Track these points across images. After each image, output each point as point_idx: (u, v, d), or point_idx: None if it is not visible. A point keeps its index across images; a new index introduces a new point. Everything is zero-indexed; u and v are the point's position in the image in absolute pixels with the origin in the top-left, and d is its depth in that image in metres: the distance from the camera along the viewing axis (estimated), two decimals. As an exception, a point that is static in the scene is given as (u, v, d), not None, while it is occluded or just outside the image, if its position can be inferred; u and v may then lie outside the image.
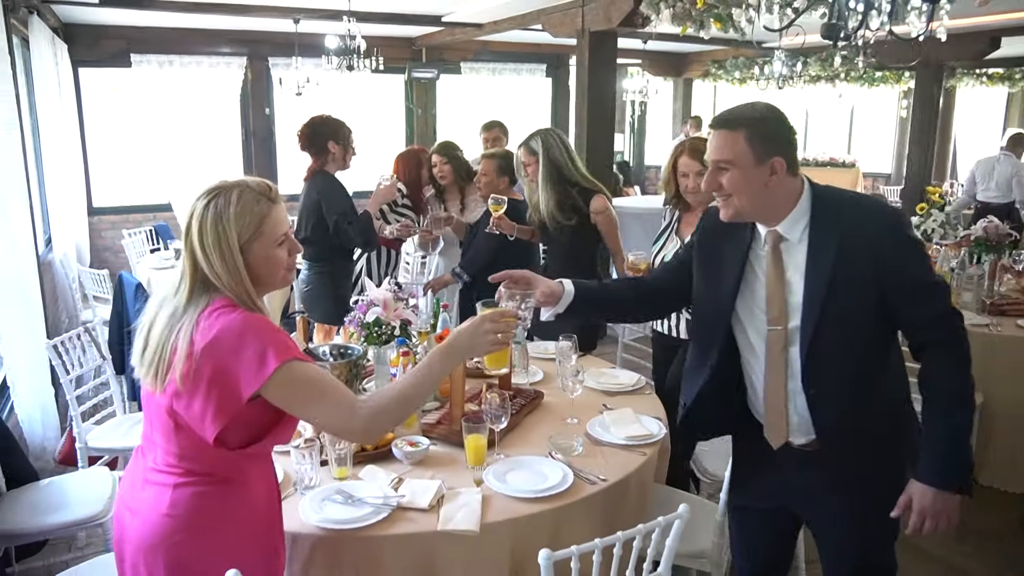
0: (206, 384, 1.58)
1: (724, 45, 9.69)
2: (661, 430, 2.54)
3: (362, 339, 2.66)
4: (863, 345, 1.89)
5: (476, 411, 2.49)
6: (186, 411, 1.61)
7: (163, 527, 1.65)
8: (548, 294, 2.22)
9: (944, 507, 1.84)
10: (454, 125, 10.11)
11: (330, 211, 3.94)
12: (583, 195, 3.58)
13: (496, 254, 3.99)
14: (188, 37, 8.14)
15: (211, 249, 1.62)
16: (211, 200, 1.65)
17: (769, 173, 1.85)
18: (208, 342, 1.58)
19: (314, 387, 1.65)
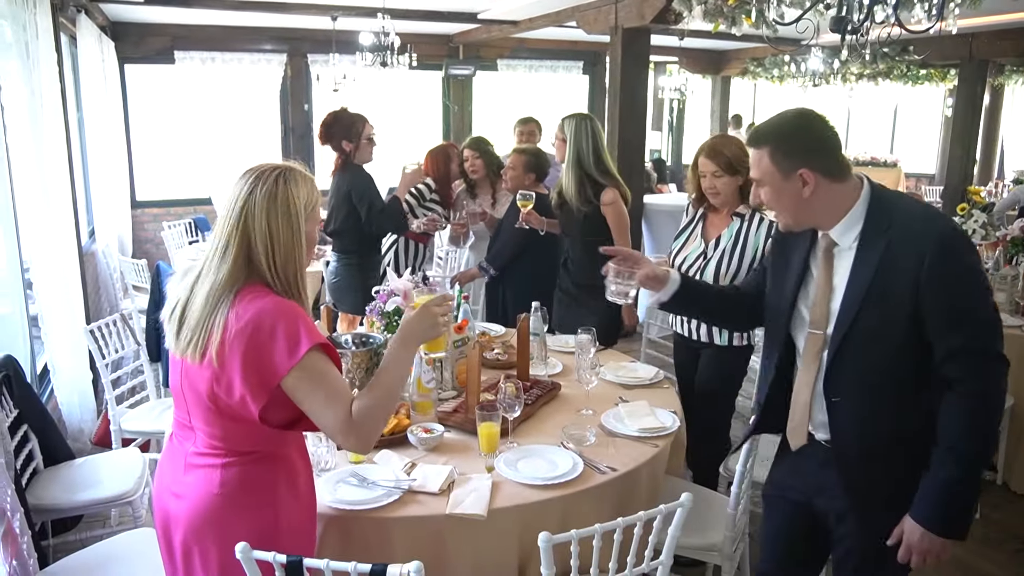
0: (240, 365, 1.62)
1: (761, 43, 9.59)
2: (675, 423, 2.56)
3: (382, 328, 2.71)
4: (890, 360, 1.83)
5: (491, 400, 2.54)
6: (227, 393, 1.65)
7: (215, 505, 1.72)
8: (652, 277, 2.22)
9: (931, 547, 1.82)
10: (491, 122, 10.16)
11: (361, 201, 4.02)
12: (595, 187, 3.61)
13: (522, 248, 4.05)
14: (230, 34, 8.32)
15: (279, 220, 1.66)
16: (279, 175, 1.69)
17: (801, 185, 1.83)
18: (242, 325, 1.62)
19: (329, 384, 1.68)
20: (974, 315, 1.75)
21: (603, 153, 3.65)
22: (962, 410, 1.76)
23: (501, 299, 4.21)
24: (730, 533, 2.44)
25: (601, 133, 3.67)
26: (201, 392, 1.69)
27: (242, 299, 1.65)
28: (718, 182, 2.97)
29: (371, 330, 2.90)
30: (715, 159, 2.95)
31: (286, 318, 1.65)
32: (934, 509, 1.80)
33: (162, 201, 8.57)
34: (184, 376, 1.73)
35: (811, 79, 7.16)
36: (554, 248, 4.02)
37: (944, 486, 1.78)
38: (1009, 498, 3.78)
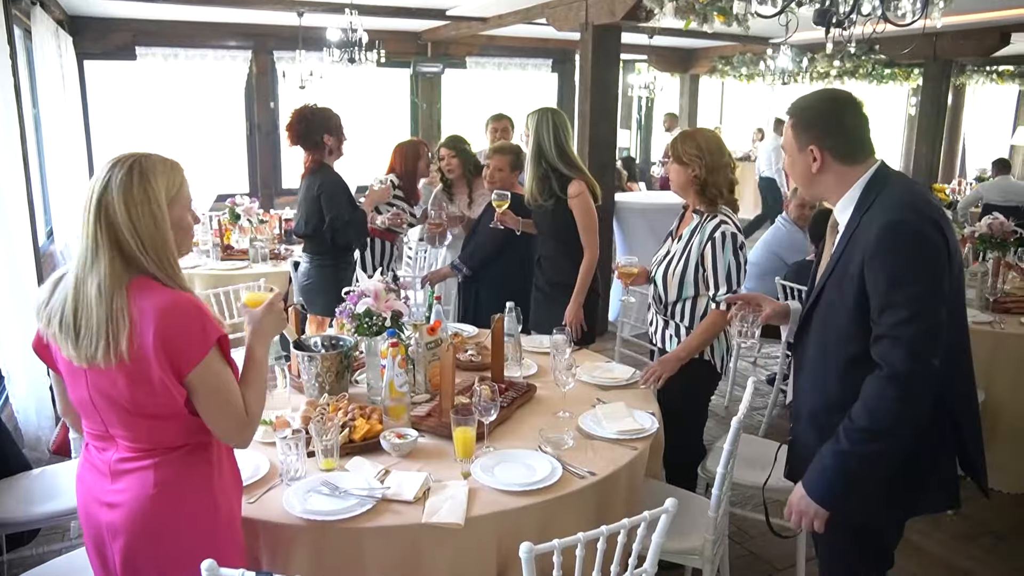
0: (155, 358, 1.60)
1: (731, 41, 9.64)
2: (653, 424, 2.51)
3: (353, 330, 2.64)
4: (841, 334, 1.92)
5: (466, 404, 2.48)
6: (148, 391, 1.62)
7: (153, 506, 1.69)
8: (778, 312, 2.32)
9: (804, 508, 1.93)
10: (459, 120, 10.08)
11: (329, 207, 3.92)
12: (560, 180, 3.52)
13: (498, 247, 3.97)
14: (194, 30, 8.14)
15: (138, 209, 1.62)
16: (132, 163, 1.65)
17: (811, 160, 1.94)
18: (148, 319, 1.60)
19: (228, 381, 1.72)
20: (899, 307, 1.77)
21: (567, 145, 3.56)
22: (868, 388, 1.83)
23: (474, 299, 4.14)
24: (711, 536, 2.40)
25: (565, 126, 3.58)
26: (116, 397, 1.64)
27: (136, 294, 1.62)
28: (671, 169, 2.99)
29: (341, 332, 2.83)
30: (672, 145, 2.99)
31: (188, 313, 1.64)
32: (812, 472, 1.92)
33: (124, 200, 8.36)
34: (91, 387, 1.68)
35: (780, 77, 7.18)
36: (529, 247, 3.96)
37: (827, 453, 1.88)
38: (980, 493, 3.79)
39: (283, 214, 6.03)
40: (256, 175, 9.02)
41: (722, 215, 2.90)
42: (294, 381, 2.78)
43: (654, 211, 6.44)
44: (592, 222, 3.52)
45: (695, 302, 2.94)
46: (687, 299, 2.95)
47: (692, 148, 2.89)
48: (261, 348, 1.87)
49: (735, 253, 2.85)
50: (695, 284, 2.91)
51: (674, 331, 3.02)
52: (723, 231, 2.85)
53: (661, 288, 3.01)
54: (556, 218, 3.54)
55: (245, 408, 1.72)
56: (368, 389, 2.71)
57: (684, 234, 2.99)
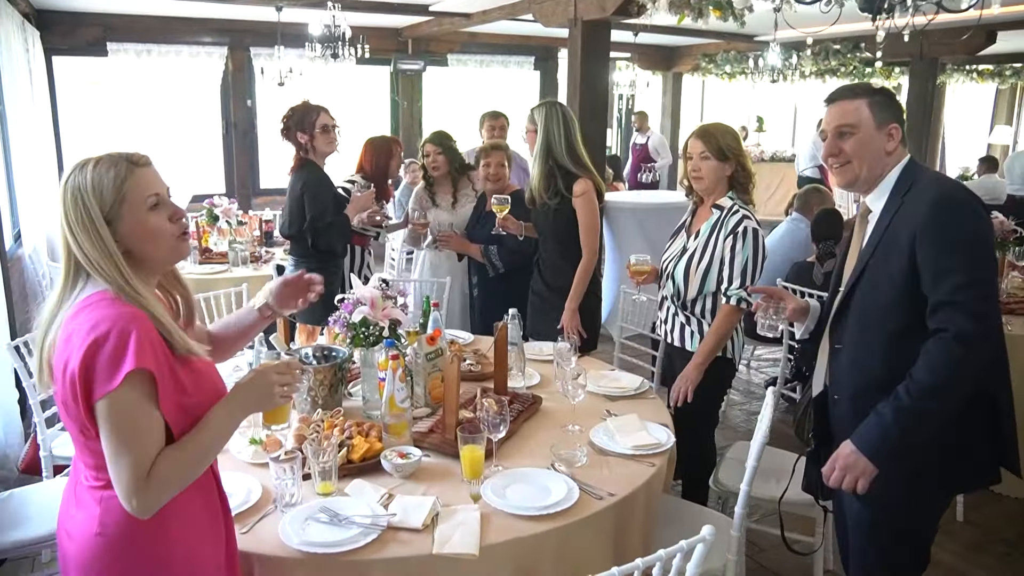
0: (68, 385, 1.42)
1: (716, 39, 9.56)
2: (670, 438, 2.37)
3: (348, 340, 2.47)
4: (884, 311, 1.97)
5: (471, 419, 2.32)
6: (76, 416, 1.46)
7: (97, 549, 1.50)
8: (797, 310, 2.33)
9: (850, 463, 1.94)
10: (441, 119, 9.93)
11: (311, 207, 3.74)
12: (567, 178, 3.39)
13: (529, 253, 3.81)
14: (167, 25, 7.90)
15: (77, 226, 1.49)
16: (71, 174, 1.52)
17: (887, 139, 2.00)
18: (64, 339, 1.45)
19: (136, 424, 1.43)
20: (956, 274, 1.83)
21: (575, 142, 3.42)
22: (931, 349, 1.87)
23: (470, 303, 3.98)
24: (734, 556, 2.26)
25: (573, 121, 3.44)
26: (70, 416, 1.49)
27: (72, 310, 1.48)
28: (703, 165, 2.86)
29: (333, 342, 2.66)
30: (705, 140, 2.86)
31: (111, 335, 1.41)
32: (866, 427, 1.93)
33: (96, 201, 8.09)
34: (59, 402, 1.53)
35: (769, 75, 7.09)
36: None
37: (885, 410, 1.90)
38: (991, 499, 3.71)
39: (263, 215, 5.83)
40: (233, 175, 8.79)
41: (743, 210, 2.85)
42: (284, 394, 2.60)
43: (644, 211, 6.32)
44: (595, 222, 3.40)
45: (716, 297, 2.88)
46: (708, 294, 2.89)
47: (732, 142, 2.86)
48: (225, 415, 1.56)
49: (755, 249, 2.80)
50: (718, 279, 2.85)
51: (696, 327, 2.95)
52: (746, 226, 2.81)
53: (682, 283, 2.93)
54: (558, 218, 3.39)
55: (151, 467, 1.42)
56: (363, 403, 2.55)
57: (703, 229, 2.91)
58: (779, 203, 11.67)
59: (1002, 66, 11.16)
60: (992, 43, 7.57)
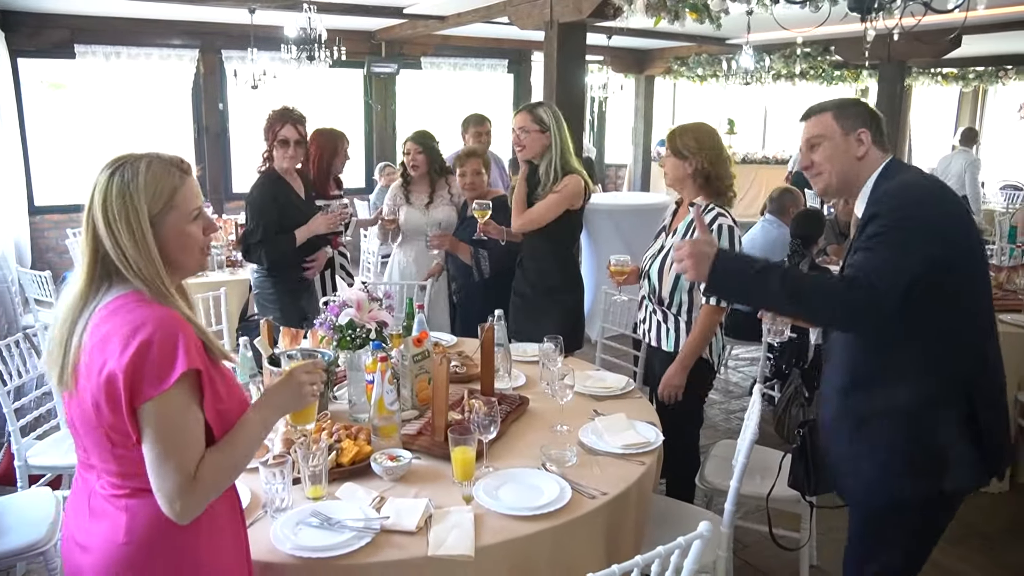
0: (120, 381, 1.39)
1: (688, 41, 9.64)
2: (658, 436, 2.38)
3: (334, 343, 2.44)
4: None
5: (461, 420, 2.31)
6: (108, 421, 1.43)
7: (123, 559, 1.46)
8: None
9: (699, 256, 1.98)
10: (414, 121, 9.89)
11: (247, 220, 3.68)
12: (557, 178, 3.36)
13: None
14: (137, 27, 7.78)
15: (118, 223, 1.46)
16: (117, 170, 1.49)
17: (857, 144, 2.03)
18: (97, 342, 1.42)
19: (185, 427, 1.44)
20: (882, 223, 1.89)
21: (570, 141, 3.42)
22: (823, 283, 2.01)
23: (450, 307, 3.95)
24: (724, 553, 2.27)
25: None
26: (94, 420, 1.45)
27: (104, 311, 1.46)
28: (667, 162, 2.96)
29: (318, 345, 2.64)
30: (668, 139, 2.95)
31: (156, 337, 1.41)
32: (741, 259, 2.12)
33: (64, 206, 7.90)
34: (71, 406, 1.51)
35: (741, 77, 7.16)
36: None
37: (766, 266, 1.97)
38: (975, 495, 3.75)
39: (238, 219, 5.75)
40: (205, 179, 8.67)
41: (719, 208, 2.87)
42: (268, 399, 2.57)
43: (620, 212, 6.34)
44: (548, 211, 3.34)
45: (692, 295, 2.89)
46: (682, 292, 2.89)
47: (691, 141, 2.87)
48: (261, 416, 1.60)
49: (730, 246, 2.80)
50: None
51: (672, 325, 2.95)
52: (720, 223, 2.82)
53: (656, 282, 2.95)
54: None
55: (195, 470, 1.43)
56: (350, 406, 2.52)
57: (680, 228, 2.94)
58: (750, 205, 11.80)
59: (966, 69, 11.37)
60: (958, 46, 7.70)
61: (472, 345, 3.26)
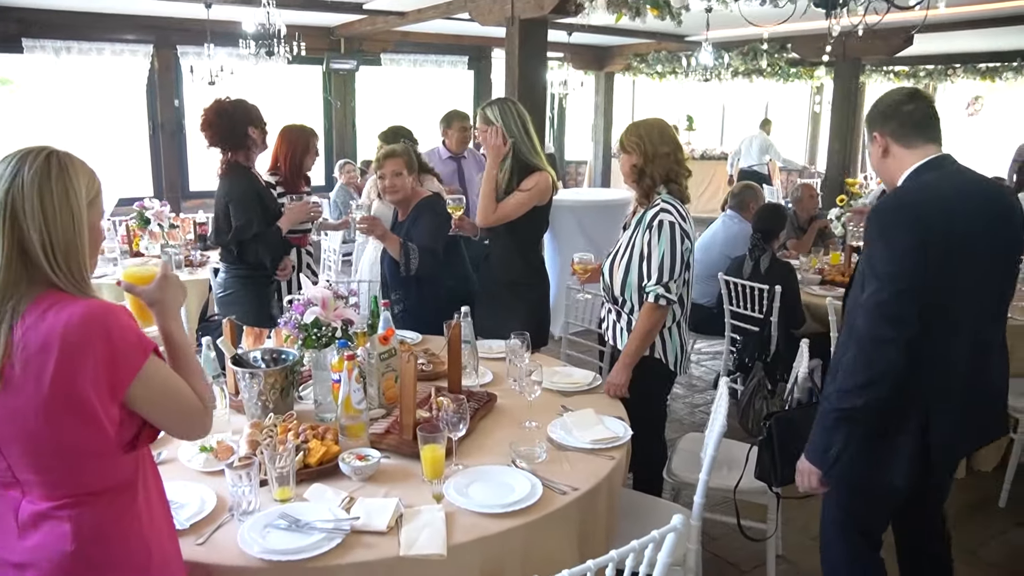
0: (86, 377, 1.35)
1: (648, 38, 9.70)
2: (626, 431, 2.38)
3: (299, 342, 2.41)
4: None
5: (429, 418, 2.29)
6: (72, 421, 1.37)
7: (73, 565, 1.41)
8: None
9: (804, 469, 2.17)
10: (374, 118, 9.82)
11: (236, 216, 3.57)
12: (522, 172, 3.33)
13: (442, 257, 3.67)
14: (88, 22, 7.59)
15: (56, 205, 1.39)
16: (50, 155, 1.42)
17: (878, 146, 2.17)
18: (39, 348, 1.34)
19: (176, 382, 1.51)
20: (872, 272, 2.01)
21: (533, 136, 3.40)
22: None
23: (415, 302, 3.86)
24: (694, 546, 2.29)
25: (527, 115, 3.41)
26: (29, 432, 1.37)
27: (35, 311, 1.36)
28: (621, 157, 2.94)
29: (283, 344, 2.60)
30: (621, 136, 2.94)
31: (118, 319, 1.40)
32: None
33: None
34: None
35: (701, 74, 7.23)
36: (474, 249, 3.78)
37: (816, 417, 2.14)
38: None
39: (196, 217, 5.65)
40: (161, 177, 8.53)
41: (664, 203, 2.81)
42: (232, 400, 2.52)
43: (583, 208, 6.36)
44: (517, 208, 3.32)
45: (642, 292, 2.84)
46: (632, 290, 2.86)
47: (633, 136, 2.84)
48: (175, 325, 1.61)
49: (672, 243, 2.74)
50: (639, 274, 2.82)
51: (625, 324, 2.93)
52: (661, 219, 2.76)
53: (608, 279, 2.95)
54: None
55: (203, 401, 1.56)
56: (316, 406, 2.49)
57: (632, 224, 2.94)
58: (709, 200, 11.95)
59: (916, 67, 11.62)
60: (910, 44, 7.87)
61: (438, 343, 3.23)
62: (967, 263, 1.99)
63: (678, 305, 2.87)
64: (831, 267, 4.82)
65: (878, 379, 1.96)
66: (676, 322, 2.90)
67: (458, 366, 2.62)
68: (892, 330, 1.93)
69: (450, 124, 4.95)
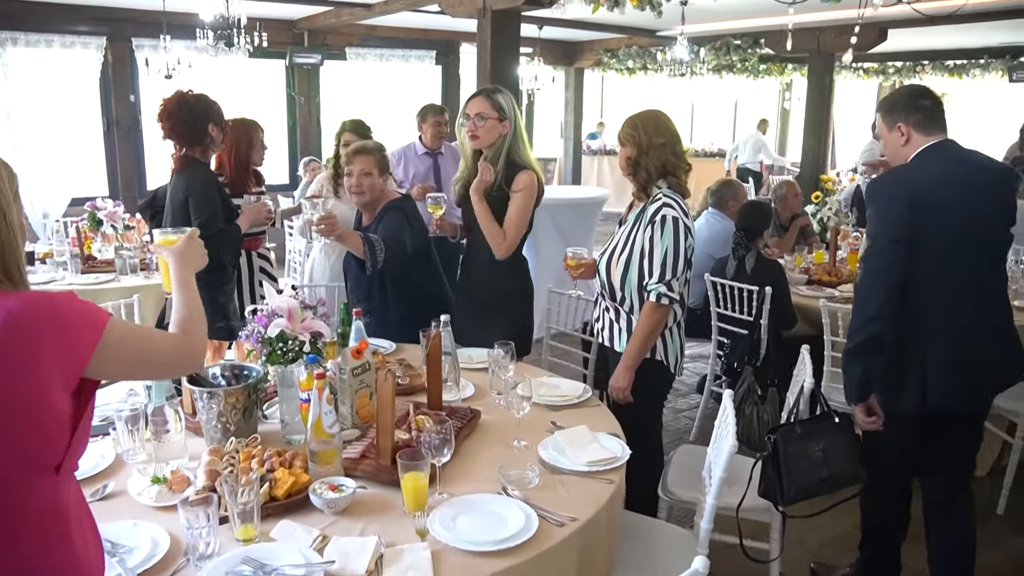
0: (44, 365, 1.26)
1: (619, 33, 9.54)
2: (624, 451, 2.19)
3: (263, 357, 2.18)
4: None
5: (409, 440, 2.09)
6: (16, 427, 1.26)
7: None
8: None
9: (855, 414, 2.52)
10: (339, 114, 9.54)
11: (197, 212, 3.31)
12: (509, 171, 3.08)
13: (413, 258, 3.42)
14: (36, 12, 7.22)
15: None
16: None
17: (900, 135, 2.47)
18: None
19: (141, 330, 1.58)
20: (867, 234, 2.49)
21: (525, 133, 3.19)
22: None
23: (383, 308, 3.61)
24: (703, 571, 2.09)
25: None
26: None
27: None
28: (618, 153, 2.82)
29: (246, 359, 2.36)
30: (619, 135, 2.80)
31: (59, 300, 1.31)
32: None
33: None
34: None
35: (675, 69, 7.08)
36: (449, 250, 3.55)
37: None
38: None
39: (152, 218, 5.35)
40: (116, 176, 8.16)
41: (666, 198, 2.66)
42: (189, 422, 2.29)
43: (558, 206, 6.16)
44: (522, 220, 3.12)
45: (642, 290, 2.70)
46: (632, 289, 2.72)
47: (628, 127, 2.72)
48: (189, 274, 1.74)
49: (675, 239, 2.62)
50: (640, 271, 2.68)
51: (625, 325, 2.79)
52: (663, 214, 2.63)
53: (605, 277, 2.79)
54: (495, 215, 3.12)
55: (182, 331, 1.59)
56: (282, 426, 2.26)
57: (629, 219, 2.79)
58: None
59: (886, 64, 11.63)
60: (884, 40, 7.81)
61: (413, 352, 3.02)
62: (948, 224, 2.36)
63: (679, 304, 2.71)
64: (816, 266, 4.68)
65: (875, 316, 2.36)
66: (677, 322, 2.77)
67: (438, 381, 2.41)
68: (884, 276, 2.35)
69: (424, 118, 4.73)
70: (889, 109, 2.48)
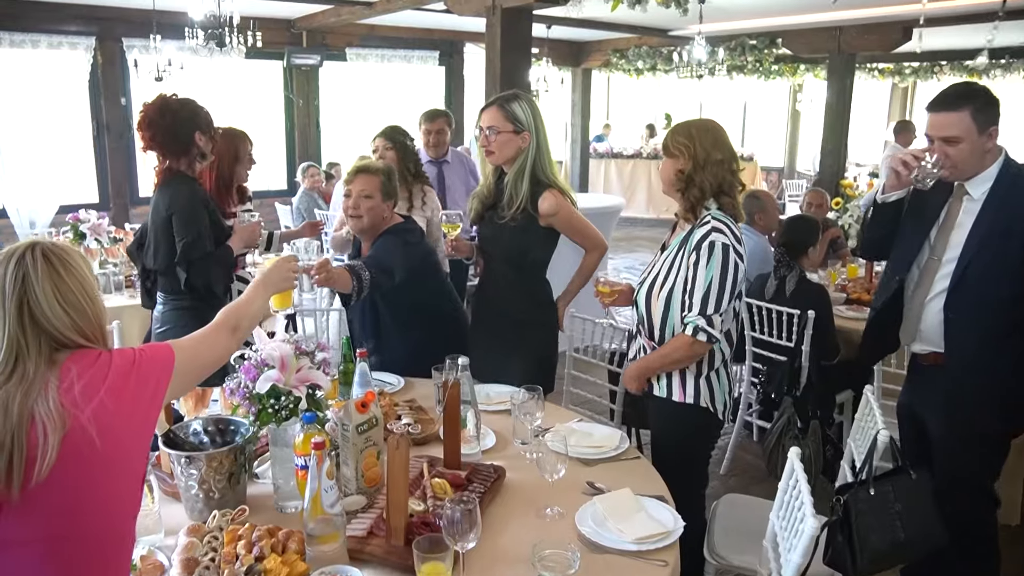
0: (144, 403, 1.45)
1: (629, 33, 9.22)
2: (677, 522, 1.87)
3: (252, 417, 1.85)
4: (1003, 288, 2.32)
5: (425, 514, 1.76)
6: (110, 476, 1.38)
7: None
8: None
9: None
10: (339, 117, 9.23)
11: (182, 232, 2.93)
12: (535, 188, 2.76)
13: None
14: (23, 11, 6.92)
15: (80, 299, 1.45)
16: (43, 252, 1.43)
17: (988, 140, 2.30)
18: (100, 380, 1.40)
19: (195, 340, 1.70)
20: None
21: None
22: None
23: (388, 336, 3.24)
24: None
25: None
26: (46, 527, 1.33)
27: (72, 370, 1.39)
28: (662, 165, 2.45)
29: (232, 414, 2.02)
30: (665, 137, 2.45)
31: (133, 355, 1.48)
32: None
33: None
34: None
35: (694, 69, 6.77)
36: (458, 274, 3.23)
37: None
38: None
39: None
40: (107, 183, 7.84)
41: (715, 221, 2.31)
42: (167, 484, 1.96)
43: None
44: (583, 226, 2.90)
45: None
46: (675, 325, 2.37)
47: (682, 136, 2.35)
48: (260, 293, 1.91)
49: (723, 268, 2.27)
50: (681, 305, 2.34)
51: None
52: (712, 240, 2.28)
53: (644, 309, 2.44)
54: (514, 239, 2.78)
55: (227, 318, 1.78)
56: (275, 491, 1.94)
57: (673, 244, 2.44)
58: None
59: (902, 64, 11.31)
60: (908, 39, 7.49)
61: (422, 391, 2.70)
62: None
63: (725, 343, 2.37)
64: (852, 283, 4.35)
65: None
66: (724, 362, 2.41)
67: (456, 437, 2.07)
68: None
69: (420, 125, 4.40)
70: (987, 110, 2.29)
